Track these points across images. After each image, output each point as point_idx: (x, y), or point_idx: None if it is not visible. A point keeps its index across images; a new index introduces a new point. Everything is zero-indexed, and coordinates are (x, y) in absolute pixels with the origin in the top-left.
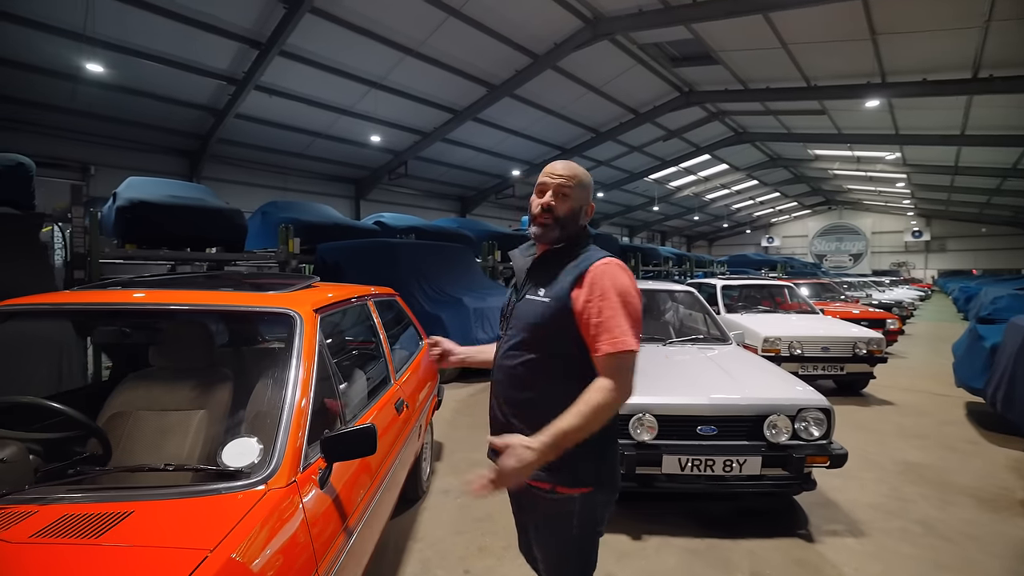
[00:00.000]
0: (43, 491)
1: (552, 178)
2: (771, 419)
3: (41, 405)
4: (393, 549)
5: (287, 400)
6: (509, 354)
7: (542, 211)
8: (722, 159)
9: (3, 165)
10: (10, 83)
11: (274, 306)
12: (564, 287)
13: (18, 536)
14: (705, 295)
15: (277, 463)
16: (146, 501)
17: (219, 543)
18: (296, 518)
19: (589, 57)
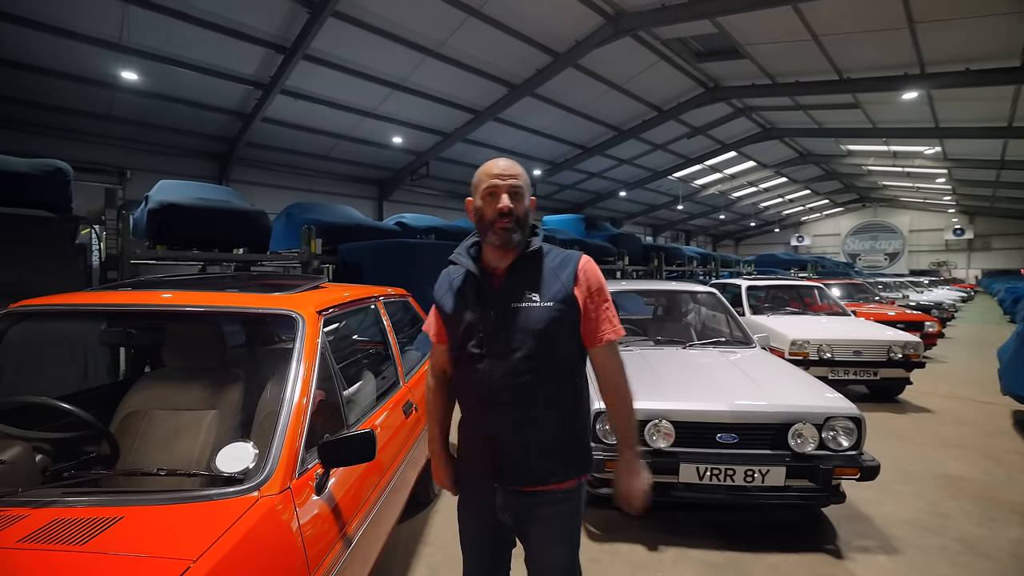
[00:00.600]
0: (39, 493)
1: (503, 179)
2: (796, 428)
3: (51, 405)
4: (403, 552)
5: (284, 404)
6: (517, 369)
7: (501, 216)
8: (749, 156)
9: (42, 170)
10: (53, 92)
11: (276, 307)
12: (564, 288)
13: (6, 541)
14: (729, 296)
15: (271, 469)
16: (137, 506)
17: (204, 552)
18: (289, 526)
19: (611, 54)
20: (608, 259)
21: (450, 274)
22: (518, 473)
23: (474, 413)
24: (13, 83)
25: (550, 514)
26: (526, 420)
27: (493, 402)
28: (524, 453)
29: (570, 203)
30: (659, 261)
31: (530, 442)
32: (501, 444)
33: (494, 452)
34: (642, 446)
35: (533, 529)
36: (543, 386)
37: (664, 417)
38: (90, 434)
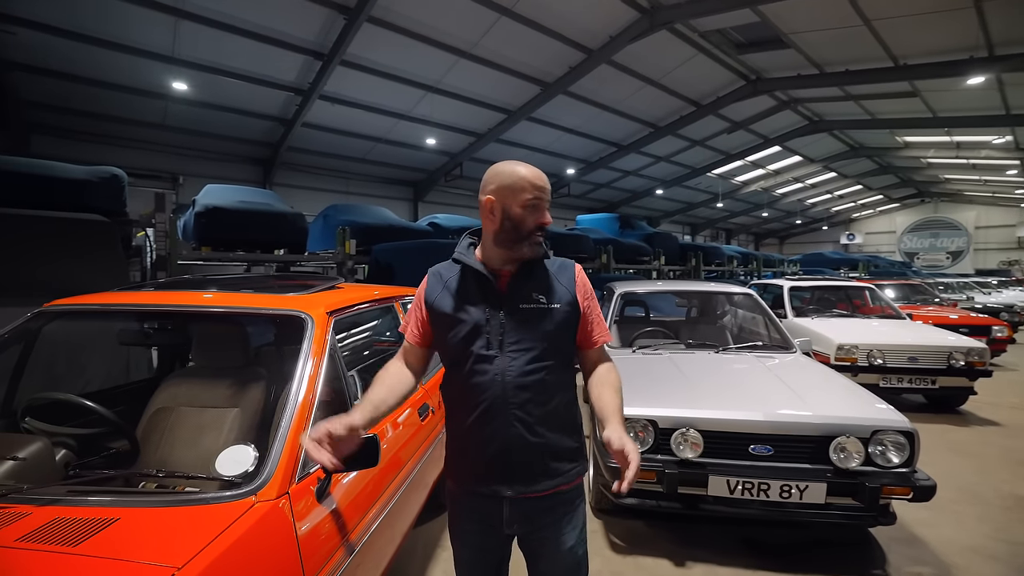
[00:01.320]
0: (47, 491)
1: (545, 192)
2: (839, 441)
3: (75, 402)
4: (420, 556)
5: (287, 406)
6: (529, 368)
7: (540, 228)
8: (794, 151)
9: (99, 177)
10: (112, 104)
11: (286, 308)
12: (568, 291)
13: (6, 539)
14: (770, 298)
15: (269, 473)
16: (134, 508)
17: (190, 559)
18: (284, 532)
19: (646, 49)
20: (643, 259)
21: (441, 274)
22: (533, 476)
23: (482, 417)
24: (75, 95)
25: (563, 514)
26: (540, 420)
27: (507, 403)
28: (539, 454)
29: (605, 202)
30: (697, 261)
31: (544, 442)
32: (515, 447)
33: (507, 456)
34: (668, 455)
35: (545, 534)
36: (552, 386)
37: (692, 426)
38: (111, 430)
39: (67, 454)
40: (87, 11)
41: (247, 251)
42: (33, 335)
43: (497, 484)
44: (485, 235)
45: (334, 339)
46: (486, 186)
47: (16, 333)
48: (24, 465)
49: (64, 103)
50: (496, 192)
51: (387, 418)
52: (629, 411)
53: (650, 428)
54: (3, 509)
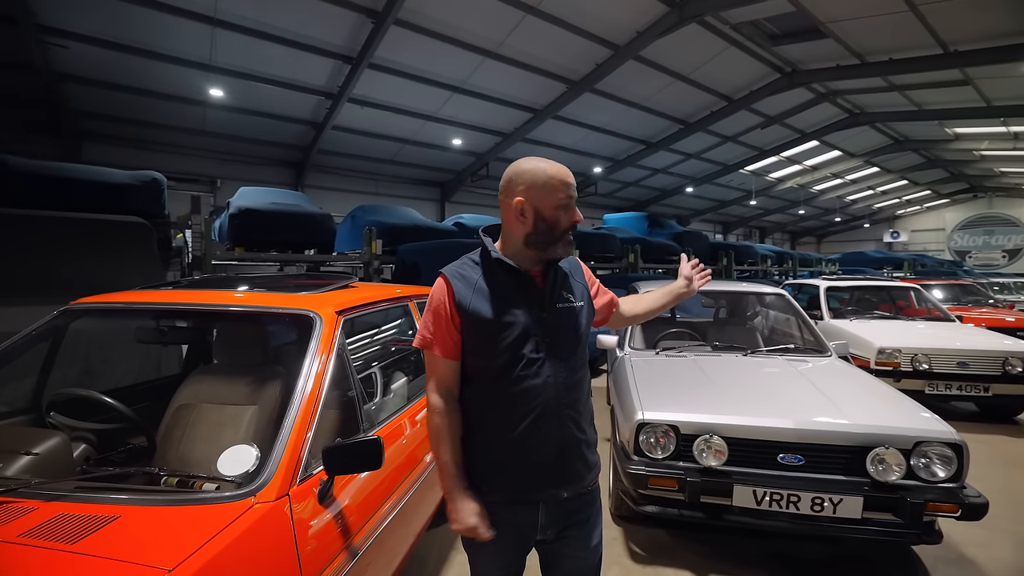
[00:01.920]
0: (55, 487)
1: (574, 192)
2: (877, 452)
3: (94, 399)
4: (435, 559)
5: (292, 407)
6: (574, 367)
7: (572, 227)
8: (833, 145)
9: (140, 180)
10: (155, 111)
11: (294, 307)
12: (583, 288)
13: (8, 534)
14: (806, 298)
15: (269, 475)
16: (135, 506)
17: (182, 561)
18: (282, 535)
19: (675, 43)
20: (672, 258)
21: (465, 276)
22: (581, 473)
23: (536, 422)
24: (122, 104)
25: (590, 514)
26: (584, 417)
27: (560, 404)
28: (586, 450)
29: (633, 201)
30: (728, 260)
31: (587, 439)
32: (570, 446)
33: (564, 457)
34: (691, 463)
35: (574, 532)
36: (586, 382)
37: (716, 432)
38: (129, 426)
39: (86, 448)
40: (132, 24)
41: (279, 251)
42: (60, 332)
43: (553, 488)
44: (512, 236)
45: (343, 339)
46: (515, 187)
47: (44, 330)
48: (41, 460)
49: (112, 112)
50: (527, 193)
51: (396, 419)
52: (650, 416)
53: (671, 434)
54: (12, 504)
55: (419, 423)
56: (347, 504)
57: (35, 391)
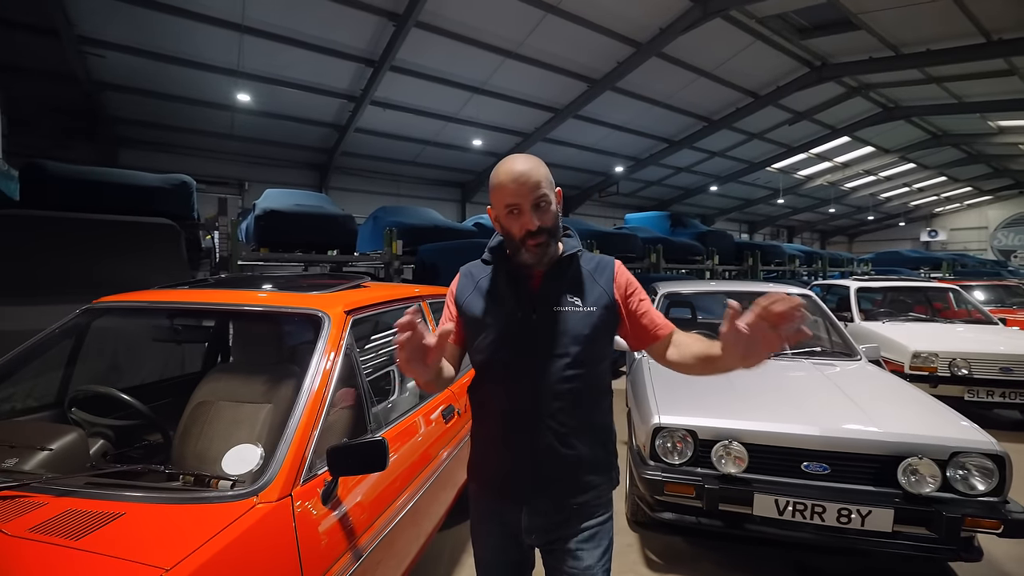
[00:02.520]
0: (66, 482)
1: (522, 193)
2: (909, 462)
3: (112, 395)
4: (447, 560)
5: (297, 406)
6: (563, 375)
7: (531, 235)
8: (866, 141)
9: (170, 184)
10: (187, 117)
11: (303, 306)
12: (605, 292)
13: (17, 529)
14: (835, 299)
15: (272, 474)
16: (140, 503)
17: (181, 560)
18: (284, 535)
19: (698, 39)
20: (695, 258)
21: (473, 274)
22: (562, 490)
23: (511, 424)
24: (155, 110)
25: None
26: (573, 431)
27: (540, 412)
28: (571, 467)
29: (655, 200)
30: (754, 260)
31: (576, 455)
32: (545, 459)
33: (536, 468)
34: (709, 469)
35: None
36: (585, 393)
37: (735, 438)
38: (146, 423)
39: (104, 444)
40: (165, 32)
41: (303, 252)
42: (83, 329)
43: (522, 494)
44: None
45: (351, 338)
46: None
47: (67, 328)
48: (57, 455)
49: (146, 118)
50: (491, 197)
51: (409, 418)
52: (666, 420)
53: (689, 439)
54: (24, 498)
55: (433, 421)
56: (353, 505)
57: (59, 387)
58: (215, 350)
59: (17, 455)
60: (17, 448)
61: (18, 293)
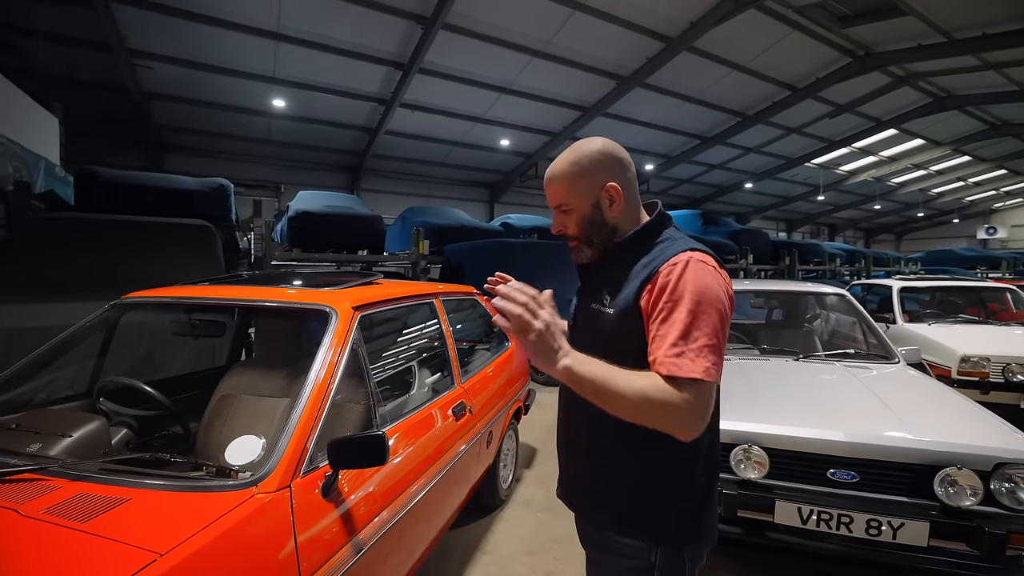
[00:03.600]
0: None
1: (549, 199)
2: (947, 472)
3: (136, 387)
4: (459, 559)
5: (300, 400)
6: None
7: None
8: (915, 133)
9: (209, 187)
10: (227, 123)
11: (311, 302)
12: (631, 293)
13: (32, 510)
14: (877, 299)
15: (272, 465)
16: (146, 490)
17: (174, 547)
18: (280, 526)
19: (731, 32)
20: (728, 257)
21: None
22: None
23: (558, 420)
24: (198, 118)
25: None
26: (580, 436)
27: (563, 406)
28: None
29: (687, 198)
30: (791, 259)
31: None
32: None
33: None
34: (727, 474)
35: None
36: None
37: (755, 442)
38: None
39: (127, 433)
40: (206, 42)
41: (334, 252)
42: (113, 323)
43: (564, 495)
44: None
45: (359, 334)
46: None
47: (98, 321)
48: (79, 441)
49: (190, 125)
50: None
51: (417, 415)
52: None
53: None
54: (41, 481)
55: (443, 418)
56: (354, 498)
57: (90, 377)
58: (239, 346)
59: (41, 440)
60: (42, 434)
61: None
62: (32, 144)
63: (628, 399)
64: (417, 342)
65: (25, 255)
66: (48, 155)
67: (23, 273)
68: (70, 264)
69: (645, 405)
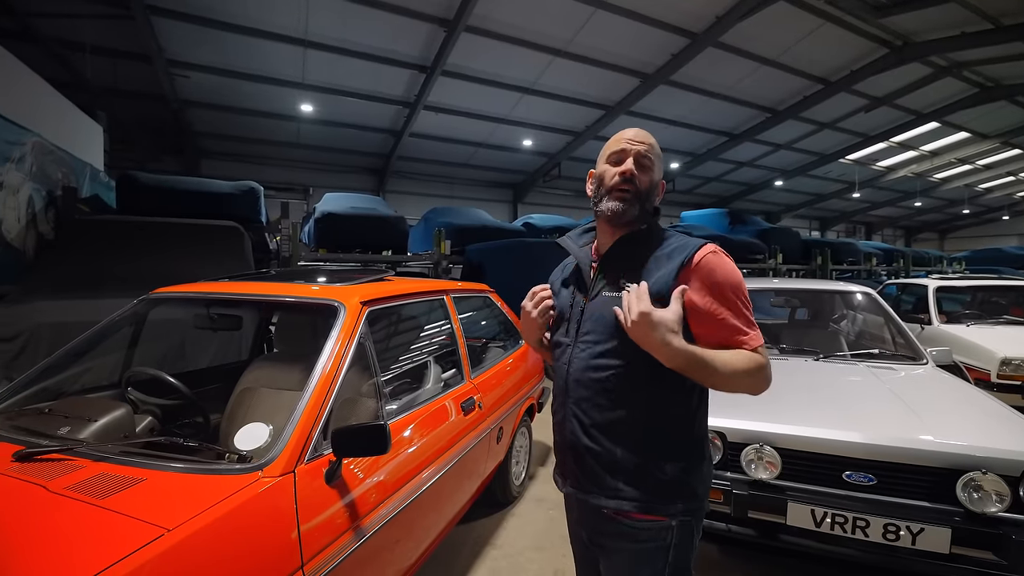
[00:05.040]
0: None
1: (632, 144)
2: (970, 476)
3: (161, 378)
4: (468, 552)
5: (307, 389)
6: (596, 364)
7: (622, 180)
8: (959, 126)
9: (240, 190)
10: (259, 128)
11: (320, 297)
12: (666, 279)
13: (58, 486)
14: (912, 299)
15: (277, 451)
16: (161, 471)
17: (181, 523)
18: (283, 508)
19: (760, 25)
20: (756, 257)
21: (566, 261)
22: (586, 482)
23: (555, 402)
24: (229, 123)
25: (622, 549)
26: (597, 425)
27: (568, 396)
28: (591, 462)
29: (714, 197)
30: (823, 259)
31: (600, 450)
32: (570, 444)
33: (565, 452)
34: (738, 473)
35: (606, 560)
36: (620, 391)
37: (767, 442)
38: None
39: (152, 421)
40: (239, 51)
41: (360, 252)
42: (142, 317)
43: (559, 476)
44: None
45: (366, 328)
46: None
47: (128, 315)
48: (105, 426)
49: (224, 131)
50: (598, 160)
51: (424, 408)
52: None
53: (717, 441)
54: (67, 460)
55: (451, 412)
56: (358, 486)
57: (122, 368)
58: (261, 340)
59: (71, 424)
60: (71, 419)
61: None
62: (79, 151)
63: (736, 370)
64: (426, 337)
65: (70, 255)
66: (93, 162)
67: (68, 271)
68: (110, 263)
69: (740, 375)
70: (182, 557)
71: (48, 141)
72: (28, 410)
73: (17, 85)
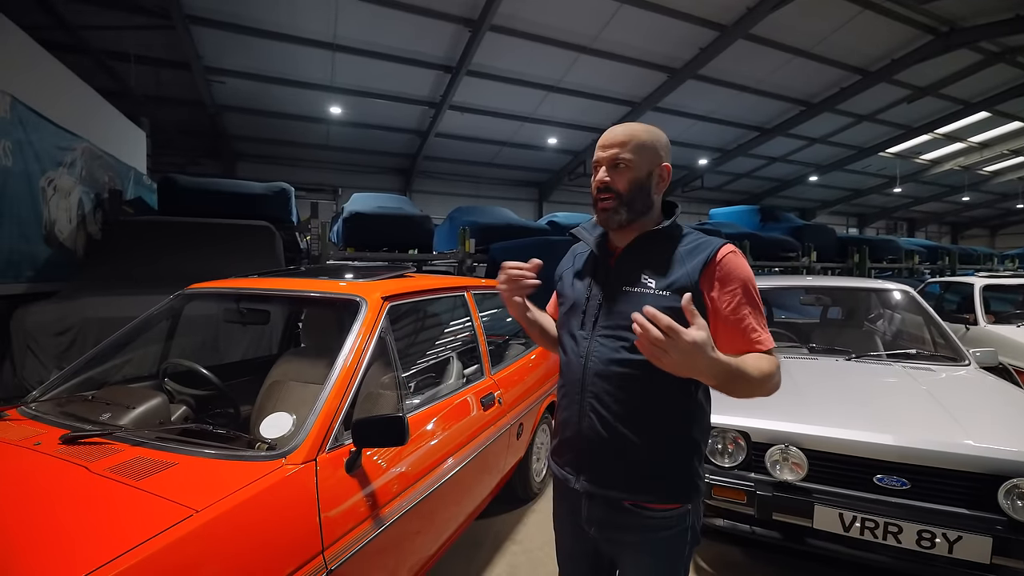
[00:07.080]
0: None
1: (604, 151)
2: (1015, 483)
3: (195, 370)
4: (489, 547)
5: (329, 381)
6: (621, 359)
7: (599, 191)
8: (1012, 115)
9: (272, 191)
10: (288, 131)
11: (343, 292)
12: (688, 277)
13: (99, 468)
14: (957, 299)
15: (299, 440)
16: (192, 456)
17: (208, 505)
18: (304, 495)
19: (793, 15)
20: (789, 254)
21: (575, 250)
22: (603, 475)
23: (566, 398)
24: (263, 127)
25: (644, 541)
26: (617, 416)
27: (584, 389)
28: (611, 452)
29: (745, 194)
30: (861, 256)
31: (620, 445)
32: (586, 436)
33: (579, 444)
34: (763, 475)
35: (623, 555)
36: (639, 384)
37: (793, 443)
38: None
39: (186, 410)
40: (272, 56)
41: (387, 251)
42: (178, 312)
43: (569, 471)
44: None
45: (387, 323)
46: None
47: (164, 310)
48: (143, 414)
49: (258, 134)
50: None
51: (444, 402)
52: (718, 419)
53: (741, 441)
54: (107, 444)
55: (471, 407)
56: (377, 476)
57: (159, 360)
58: (290, 335)
59: (111, 411)
60: (112, 406)
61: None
62: (124, 156)
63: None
64: (447, 333)
65: (115, 254)
66: (137, 165)
67: (113, 269)
68: (151, 261)
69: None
70: (209, 537)
71: (96, 147)
72: (75, 397)
73: (69, 94)
